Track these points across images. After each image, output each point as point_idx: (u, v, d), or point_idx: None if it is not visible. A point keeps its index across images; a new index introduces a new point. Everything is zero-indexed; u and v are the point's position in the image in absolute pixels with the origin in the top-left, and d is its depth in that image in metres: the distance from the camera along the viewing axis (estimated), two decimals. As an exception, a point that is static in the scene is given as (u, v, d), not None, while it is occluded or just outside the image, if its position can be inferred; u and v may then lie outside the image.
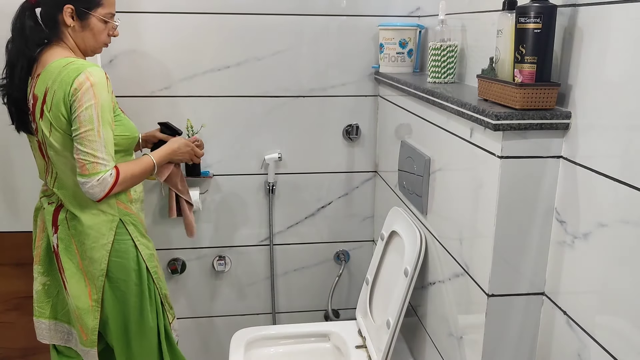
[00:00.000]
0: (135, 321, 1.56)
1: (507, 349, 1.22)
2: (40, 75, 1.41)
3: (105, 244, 1.49)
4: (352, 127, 2.13)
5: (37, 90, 1.41)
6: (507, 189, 1.13)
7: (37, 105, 1.41)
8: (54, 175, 1.50)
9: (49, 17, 1.45)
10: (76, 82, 1.36)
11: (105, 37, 1.52)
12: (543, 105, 1.10)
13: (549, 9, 1.06)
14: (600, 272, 1.01)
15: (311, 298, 2.29)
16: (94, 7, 1.46)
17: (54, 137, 1.42)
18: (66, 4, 1.42)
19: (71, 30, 1.46)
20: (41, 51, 1.45)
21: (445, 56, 1.57)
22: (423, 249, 1.52)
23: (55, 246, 1.52)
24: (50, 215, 1.53)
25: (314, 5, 1.99)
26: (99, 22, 1.48)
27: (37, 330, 1.62)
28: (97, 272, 1.50)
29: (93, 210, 1.49)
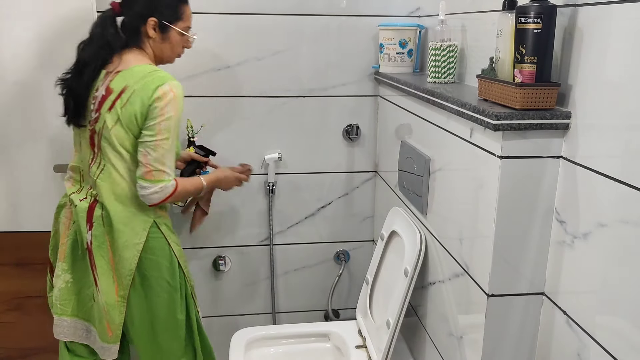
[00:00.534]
0: (164, 316, 1.57)
1: (507, 348, 1.22)
2: (121, 72, 1.47)
3: (137, 243, 1.51)
4: (352, 127, 2.13)
5: (113, 85, 1.46)
6: (507, 189, 1.13)
7: (109, 98, 1.45)
8: (101, 166, 1.51)
9: (131, 26, 1.53)
10: (160, 91, 1.44)
11: (180, 49, 1.62)
12: (543, 105, 1.10)
13: (549, 9, 1.06)
14: (600, 272, 1.01)
15: (311, 298, 2.29)
16: (175, 21, 1.55)
17: (115, 131, 1.46)
18: (150, 17, 1.51)
19: (151, 41, 1.55)
20: (120, 52, 1.51)
21: (445, 56, 1.57)
22: (423, 249, 1.52)
23: (89, 243, 1.51)
24: (84, 212, 1.52)
25: (314, 5, 2.00)
26: (178, 35, 1.57)
27: (58, 327, 1.61)
28: (125, 271, 1.51)
29: (130, 208, 1.51)
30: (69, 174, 1.64)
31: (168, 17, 1.54)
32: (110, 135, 1.47)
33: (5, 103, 1.81)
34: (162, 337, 1.60)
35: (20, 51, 1.78)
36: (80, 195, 1.56)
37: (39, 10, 1.76)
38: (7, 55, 1.78)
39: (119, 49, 1.51)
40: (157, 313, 1.57)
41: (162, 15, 1.53)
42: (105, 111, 1.46)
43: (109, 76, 1.48)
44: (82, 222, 1.53)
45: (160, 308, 1.57)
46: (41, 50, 1.79)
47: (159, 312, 1.57)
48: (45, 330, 2.02)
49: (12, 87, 1.80)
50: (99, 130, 1.49)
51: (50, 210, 1.90)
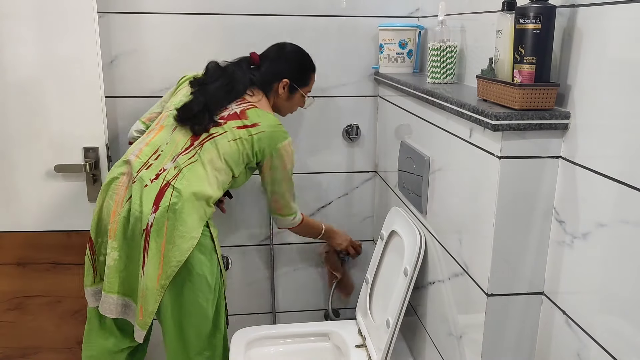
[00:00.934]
0: (195, 312, 1.58)
1: (507, 348, 1.22)
2: (257, 109, 1.65)
3: (194, 237, 1.53)
4: (352, 127, 2.14)
5: (249, 114, 1.64)
6: (506, 189, 1.13)
7: (242, 120, 1.62)
8: (192, 159, 1.57)
9: (266, 79, 1.73)
10: (285, 143, 1.66)
11: (295, 108, 1.84)
12: (542, 105, 1.10)
13: (548, 9, 1.07)
14: (600, 272, 1.01)
15: (311, 298, 2.29)
16: (302, 86, 1.78)
17: (229, 145, 1.60)
18: (285, 78, 1.73)
19: (277, 96, 1.75)
20: (253, 90, 1.70)
21: (444, 57, 1.57)
22: (423, 249, 1.52)
23: (150, 225, 1.50)
24: (153, 194, 1.52)
25: (314, 5, 2.00)
26: (300, 98, 1.80)
27: (104, 304, 1.59)
28: (173, 261, 1.50)
29: (197, 203, 1.55)
30: (137, 147, 1.63)
31: (299, 81, 1.76)
32: (222, 144, 1.59)
33: (5, 103, 1.81)
34: (188, 332, 1.60)
35: (20, 51, 1.78)
36: (150, 175, 1.55)
37: (39, 10, 1.76)
38: (7, 55, 1.78)
39: (257, 86, 1.71)
40: (189, 308, 1.57)
41: (294, 79, 1.74)
42: (232, 126, 1.61)
43: (245, 103, 1.66)
44: (148, 203, 1.51)
45: (193, 303, 1.57)
46: (41, 50, 1.79)
47: (191, 308, 1.57)
48: (45, 330, 2.03)
49: (12, 87, 1.81)
50: (213, 133, 1.59)
51: (50, 210, 1.91)
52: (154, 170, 1.56)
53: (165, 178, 1.54)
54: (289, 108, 1.81)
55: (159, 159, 1.58)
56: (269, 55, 1.77)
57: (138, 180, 1.54)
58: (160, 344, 1.69)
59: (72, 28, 1.78)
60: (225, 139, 1.59)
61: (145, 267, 1.51)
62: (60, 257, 1.96)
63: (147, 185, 1.53)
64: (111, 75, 1.97)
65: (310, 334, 1.88)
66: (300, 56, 1.79)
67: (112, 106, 1.98)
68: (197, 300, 1.57)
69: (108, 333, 1.69)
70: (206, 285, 1.58)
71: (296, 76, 1.75)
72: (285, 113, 1.83)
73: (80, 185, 1.90)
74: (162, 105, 1.80)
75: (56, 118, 1.84)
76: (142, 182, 1.54)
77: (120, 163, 1.63)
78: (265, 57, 1.76)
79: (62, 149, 1.86)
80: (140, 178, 1.54)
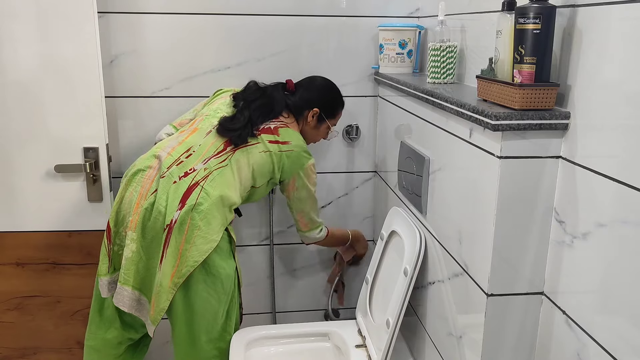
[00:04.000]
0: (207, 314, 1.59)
1: (507, 348, 1.22)
2: (289, 129, 1.75)
3: (214, 239, 1.55)
4: (352, 128, 2.14)
5: (281, 132, 1.72)
6: (506, 189, 1.13)
7: (274, 136, 1.71)
8: (223, 163, 1.62)
9: (298, 105, 1.82)
10: (310, 164, 1.76)
11: (319, 138, 1.92)
12: (542, 105, 1.10)
13: (548, 9, 1.07)
14: (600, 272, 1.01)
15: (311, 298, 2.30)
16: (331, 118, 1.88)
17: (260, 156, 1.67)
18: (315, 107, 1.82)
19: (305, 123, 1.83)
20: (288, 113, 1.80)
21: (444, 57, 1.57)
22: (422, 249, 1.52)
23: (174, 222, 1.51)
24: (181, 191, 1.54)
25: (314, 5, 2.00)
26: (325, 129, 1.88)
27: (118, 295, 1.59)
28: (190, 261, 1.51)
29: (221, 208, 1.57)
30: (170, 145, 1.64)
31: (328, 112, 1.85)
32: (253, 153, 1.66)
33: (5, 103, 1.81)
34: (196, 334, 1.60)
35: (20, 51, 1.78)
36: (179, 172, 1.57)
37: (39, 10, 1.76)
38: (7, 55, 1.78)
39: (291, 109, 1.81)
40: (201, 309, 1.58)
41: (324, 110, 1.84)
42: (266, 139, 1.69)
43: (280, 122, 1.75)
44: (175, 199, 1.53)
45: (206, 305, 1.58)
46: (41, 50, 1.79)
47: (203, 309, 1.58)
48: (44, 330, 2.03)
49: (12, 87, 1.81)
50: (239, 143, 1.65)
51: (50, 210, 1.91)
52: (183, 168, 1.58)
53: (195, 178, 1.56)
54: (314, 137, 1.89)
55: (190, 158, 1.60)
56: (303, 84, 1.87)
57: (167, 175, 1.56)
58: (166, 344, 1.69)
59: (72, 28, 1.78)
60: (257, 149, 1.66)
61: (162, 263, 1.52)
62: (60, 257, 1.96)
63: (176, 182, 1.55)
64: (111, 75, 1.97)
65: (310, 334, 1.88)
66: (333, 91, 1.89)
67: (112, 106, 1.98)
68: (210, 300, 1.58)
69: (108, 325, 1.70)
70: (220, 288, 1.59)
71: (326, 107, 1.84)
72: (310, 141, 1.89)
73: (80, 185, 1.90)
74: (194, 113, 1.85)
75: (56, 118, 1.84)
76: (171, 178, 1.55)
77: (148, 156, 1.65)
78: (300, 86, 1.86)
79: (62, 149, 1.86)
80: (170, 174, 1.56)
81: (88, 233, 1.94)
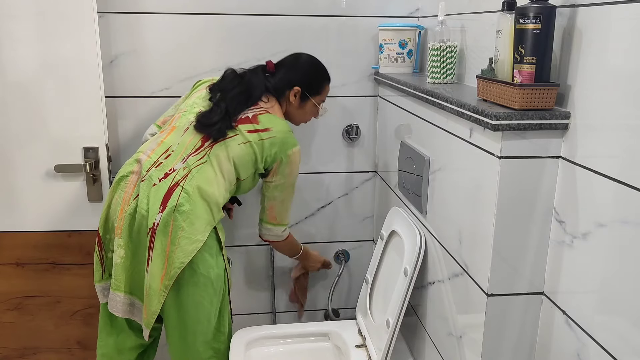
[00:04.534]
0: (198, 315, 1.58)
1: (507, 348, 1.22)
2: (269, 114, 1.67)
3: (199, 240, 1.52)
4: (352, 128, 2.14)
5: (261, 118, 1.65)
6: (506, 189, 1.13)
7: (253, 125, 1.63)
8: (202, 160, 1.57)
9: (278, 86, 1.74)
10: (294, 151, 1.67)
11: (308, 118, 1.84)
12: (542, 105, 1.10)
13: (548, 9, 1.07)
14: (600, 272, 1.01)
15: (311, 298, 2.29)
16: (315, 95, 1.78)
17: (239, 148, 1.61)
18: (296, 86, 1.73)
19: (289, 104, 1.75)
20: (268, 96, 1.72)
21: (444, 57, 1.57)
22: (423, 249, 1.52)
23: (156, 225, 1.50)
24: (161, 193, 1.52)
25: (314, 6, 2.00)
26: (312, 107, 1.80)
27: (112, 302, 1.60)
28: (177, 262, 1.50)
29: (205, 206, 1.55)
30: (150, 147, 1.63)
31: (310, 90, 1.76)
32: (232, 146, 1.60)
33: (5, 103, 1.81)
34: (190, 335, 1.60)
35: (20, 51, 1.78)
36: (159, 174, 1.55)
37: (39, 10, 1.76)
38: (7, 55, 1.78)
39: (271, 92, 1.73)
40: (192, 309, 1.57)
41: (306, 88, 1.75)
42: (244, 130, 1.61)
43: (258, 108, 1.67)
44: (156, 202, 1.52)
45: (197, 305, 1.57)
46: (41, 51, 1.79)
47: (194, 309, 1.57)
48: (44, 331, 2.03)
49: (12, 87, 1.81)
50: (218, 138, 1.59)
51: (50, 210, 1.91)
52: (163, 170, 1.56)
53: (175, 178, 1.54)
54: (302, 117, 1.82)
55: (169, 158, 1.58)
56: (284, 64, 1.78)
57: (147, 178, 1.55)
58: (165, 346, 1.68)
59: (72, 28, 1.78)
60: (235, 141, 1.60)
61: (149, 266, 1.51)
62: (60, 257, 1.96)
63: (156, 185, 1.53)
64: (111, 75, 1.97)
65: (310, 334, 1.88)
66: (314, 66, 1.80)
67: (112, 106, 1.98)
68: (202, 302, 1.57)
69: (118, 331, 1.69)
70: (211, 287, 1.58)
71: (308, 85, 1.76)
72: (298, 122, 1.84)
73: (80, 185, 1.90)
74: (176, 108, 1.80)
75: (56, 118, 1.84)
76: (150, 181, 1.54)
77: (131, 161, 1.63)
78: (281, 65, 1.78)
79: (62, 149, 1.86)
80: (149, 177, 1.55)
81: (88, 233, 1.94)
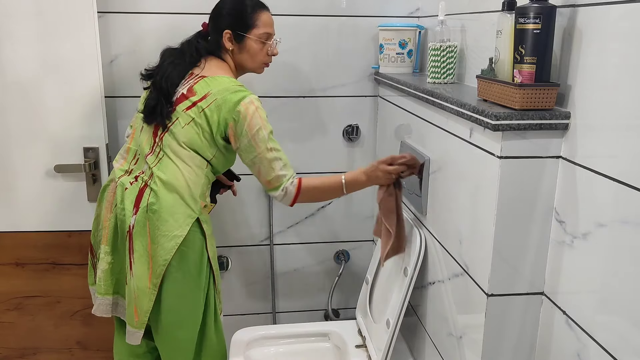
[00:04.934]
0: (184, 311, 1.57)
1: (507, 348, 1.22)
2: (206, 79, 1.53)
3: (177, 235, 1.50)
4: (352, 128, 2.14)
5: (197, 87, 1.52)
6: (506, 189, 1.13)
7: (190, 99, 1.51)
8: (159, 156, 1.52)
9: (214, 41, 1.62)
10: (241, 106, 1.48)
11: (263, 57, 1.64)
12: (542, 105, 1.10)
13: (548, 9, 1.07)
14: (600, 272, 1.01)
15: (311, 298, 2.29)
16: (248, 30, 1.60)
17: (186, 130, 1.50)
18: (225, 30, 1.59)
19: (230, 53, 1.62)
20: (204, 59, 1.60)
21: (444, 57, 1.57)
22: (423, 249, 1.52)
23: (132, 227, 1.50)
24: (133, 196, 1.52)
25: (314, 5, 2.00)
26: (255, 44, 1.61)
27: (100, 307, 1.60)
28: (160, 260, 1.49)
29: (179, 200, 1.51)
30: (122, 155, 1.64)
31: (241, 27, 1.59)
32: (178, 132, 1.50)
33: (5, 103, 1.81)
34: (176, 332, 1.58)
35: (20, 51, 1.78)
36: (130, 179, 1.55)
37: (39, 10, 1.76)
38: (7, 55, 1.78)
39: (205, 54, 1.61)
40: (176, 306, 1.56)
41: (235, 27, 1.59)
42: (181, 110, 1.51)
43: (193, 78, 1.55)
44: (129, 205, 1.51)
45: (180, 302, 1.56)
46: (41, 50, 1.79)
47: (178, 306, 1.56)
48: (44, 331, 2.03)
49: (12, 87, 1.81)
50: (167, 124, 1.52)
51: (50, 210, 1.91)
52: (133, 174, 1.57)
53: (144, 179, 1.54)
54: (251, 59, 1.62)
55: (138, 163, 1.58)
56: (210, 17, 1.65)
57: (119, 185, 1.55)
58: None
59: (72, 28, 1.78)
60: (178, 125, 1.51)
61: (132, 269, 1.51)
62: (60, 258, 1.96)
63: (127, 188, 1.54)
64: (111, 75, 1.97)
65: (310, 334, 1.88)
66: (233, 2, 1.62)
67: (112, 106, 1.98)
68: (186, 299, 1.56)
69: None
70: (192, 284, 1.55)
71: (235, 23, 1.59)
72: (253, 67, 1.65)
73: (80, 185, 1.90)
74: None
75: (56, 118, 1.84)
76: (122, 186, 1.55)
77: (114, 170, 1.64)
78: (209, 20, 1.65)
79: (62, 149, 1.86)
80: (121, 183, 1.55)
81: (88, 233, 1.92)
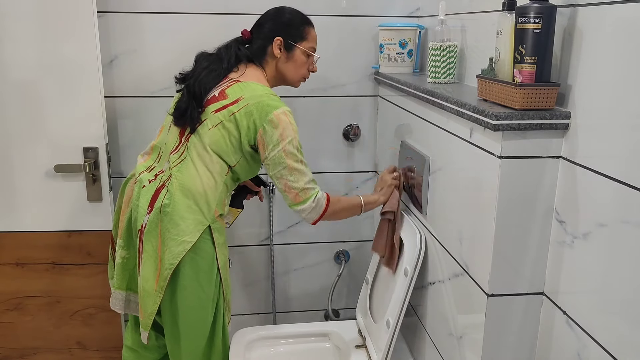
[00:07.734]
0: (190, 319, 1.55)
1: (507, 348, 1.22)
2: (240, 83, 1.52)
3: (187, 241, 1.48)
4: (352, 128, 2.14)
5: (229, 91, 1.51)
6: (506, 189, 1.13)
7: (220, 102, 1.50)
8: (182, 157, 1.51)
9: (259, 48, 1.61)
10: (274, 115, 1.47)
11: (304, 71, 1.66)
12: (543, 105, 1.10)
13: (549, 9, 1.07)
14: (600, 272, 1.01)
15: (311, 298, 2.29)
16: (299, 40, 1.61)
17: (212, 133, 1.48)
18: (276, 36, 1.59)
19: (276, 60, 1.61)
20: (244, 65, 1.59)
21: (445, 56, 1.57)
22: (423, 249, 1.52)
23: (144, 226, 1.50)
24: (149, 195, 1.51)
25: (314, 5, 2.00)
26: (302, 55, 1.63)
27: (114, 300, 1.63)
28: (167, 264, 1.48)
29: (193, 206, 1.49)
30: (146, 150, 1.64)
31: (293, 36, 1.61)
32: (205, 133, 1.49)
33: (5, 103, 1.81)
34: (184, 339, 1.57)
35: (21, 51, 1.78)
36: (149, 176, 1.55)
37: (39, 10, 1.76)
38: (7, 55, 1.78)
39: (245, 60, 1.60)
40: (184, 314, 1.54)
41: (287, 35, 1.60)
42: (210, 112, 1.50)
43: (227, 82, 1.54)
44: (144, 204, 1.51)
45: (189, 310, 1.53)
46: (41, 50, 1.79)
47: (186, 314, 1.54)
48: (44, 331, 2.03)
49: (12, 87, 1.80)
50: (194, 125, 1.50)
51: (50, 210, 1.91)
52: (154, 171, 1.57)
53: (162, 179, 1.53)
54: (295, 71, 1.64)
55: (160, 161, 1.59)
56: (257, 24, 1.65)
57: (138, 181, 1.56)
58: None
59: (72, 28, 1.78)
60: (205, 127, 1.49)
61: (140, 269, 1.51)
62: (60, 258, 1.96)
63: (145, 186, 1.53)
64: (111, 75, 1.97)
65: (310, 334, 1.88)
66: (288, 12, 1.64)
67: (112, 106, 1.98)
68: (193, 307, 1.53)
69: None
70: (200, 292, 1.53)
71: (288, 32, 1.60)
72: (295, 79, 1.66)
73: (80, 185, 1.89)
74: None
75: (56, 118, 1.84)
76: (141, 183, 1.54)
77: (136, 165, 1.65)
78: (255, 27, 1.65)
79: (62, 149, 1.86)
80: (140, 180, 1.55)
81: (88, 233, 1.94)
